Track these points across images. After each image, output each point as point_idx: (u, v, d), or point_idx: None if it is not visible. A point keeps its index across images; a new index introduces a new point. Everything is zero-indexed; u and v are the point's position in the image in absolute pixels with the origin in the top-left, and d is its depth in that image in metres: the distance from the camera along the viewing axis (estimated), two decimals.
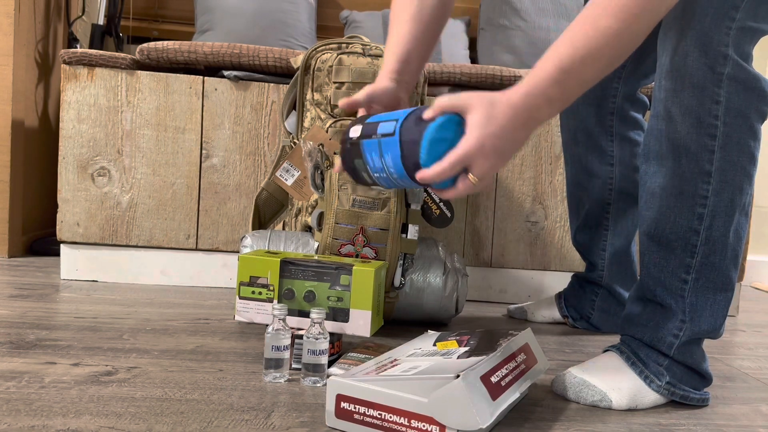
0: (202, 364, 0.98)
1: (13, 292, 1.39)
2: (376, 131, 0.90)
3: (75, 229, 1.54)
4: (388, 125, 0.88)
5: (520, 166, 1.63)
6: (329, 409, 0.78)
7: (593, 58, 0.79)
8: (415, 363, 0.81)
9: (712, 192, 0.89)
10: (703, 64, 0.87)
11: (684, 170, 0.90)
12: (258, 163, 1.57)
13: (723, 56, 0.87)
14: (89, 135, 1.53)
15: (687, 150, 0.89)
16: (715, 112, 0.88)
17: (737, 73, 0.87)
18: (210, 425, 0.76)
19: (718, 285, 0.92)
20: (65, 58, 1.52)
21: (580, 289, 1.39)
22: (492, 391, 0.76)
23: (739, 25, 0.87)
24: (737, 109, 0.88)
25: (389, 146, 0.87)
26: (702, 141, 0.89)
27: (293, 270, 1.10)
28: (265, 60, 1.52)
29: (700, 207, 0.90)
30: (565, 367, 1.08)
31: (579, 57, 0.78)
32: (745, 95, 0.88)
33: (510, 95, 0.81)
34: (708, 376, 0.95)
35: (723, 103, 0.88)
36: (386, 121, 0.90)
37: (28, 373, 0.90)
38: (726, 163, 0.89)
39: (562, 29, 2.13)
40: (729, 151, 0.89)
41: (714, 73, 0.87)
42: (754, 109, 0.89)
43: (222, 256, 1.59)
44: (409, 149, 0.84)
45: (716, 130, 0.88)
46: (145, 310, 1.30)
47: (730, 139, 0.88)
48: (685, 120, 0.89)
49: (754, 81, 0.88)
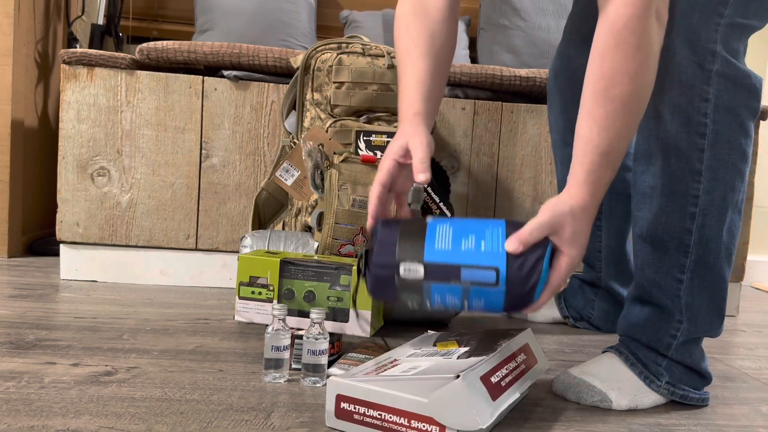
0: (201, 365, 0.98)
1: (12, 292, 1.39)
2: (458, 277, 0.80)
3: (75, 229, 1.54)
4: (482, 274, 0.79)
5: (520, 166, 1.63)
6: (329, 410, 0.78)
7: (622, 123, 0.80)
8: (415, 363, 0.81)
9: (703, 191, 0.89)
10: (691, 62, 0.86)
11: (674, 169, 0.89)
12: (258, 163, 1.57)
13: (711, 53, 0.86)
14: (89, 135, 1.53)
15: (677, 149, 0.89)
16: (705, 110, 0.87)
17: (726, 70, 0.86)
18: (210, 425, 0.76)
19: (714, 284, 0.92)
20: (65, 58, 1.52)
21: (579, 290, 1.39)
22: (492, 391, 0.76)
23: (728, 22, 0.86)
24: (727, 107, 0.87)
25: (487, 294, 0.80)
26: (691, 139, 0.88)
27: (293, 270, 1.10)
28: (264, 60, 1.52)
29: (691, 206, 0.89)
30: (565, 367, 1.08)
31: (613, 133, 0.80)
32: (735, 92, 0.87)
33: (579, 200, 0.81)
34: (707, 376, 0.95)
35: (712, 101, 0.87)
36: (471, 267, 0.79)
37: (27, 374, 0.89)
38: (716, 161, 0.88)
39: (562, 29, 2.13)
40: (719, 149, 0.88)
41: (702, 71, 0.86)
42: (744, 105, 0.88)
43: (222, 256, 1.59)
44: (517, 297, 0.80)
45: (706, 128, 0.88)
46: (145, 310, 1.30)
47: (720, 137, 0.88)
48: (674, 119, 0.88)
49: (744, 77, 0.88)
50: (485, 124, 1.62)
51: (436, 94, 1.00)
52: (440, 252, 0.81)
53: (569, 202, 0.80)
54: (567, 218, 0.80)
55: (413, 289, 0.81)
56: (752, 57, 2.31)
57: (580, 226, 0.81)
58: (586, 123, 0.82)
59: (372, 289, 0.84)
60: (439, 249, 0.81)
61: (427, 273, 0.81)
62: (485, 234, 0.82)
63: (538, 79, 1.60)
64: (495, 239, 0.81)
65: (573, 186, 0.82)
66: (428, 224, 0.85)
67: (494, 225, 0.83)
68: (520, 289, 0.79)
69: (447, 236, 0.83)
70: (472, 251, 0.81)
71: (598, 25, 0.83)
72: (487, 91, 1.64)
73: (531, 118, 1.62)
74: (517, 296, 0.80)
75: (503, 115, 1.62)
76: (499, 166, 1.63)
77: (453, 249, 0.81)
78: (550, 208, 0.80)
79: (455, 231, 0.83)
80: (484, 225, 0.83)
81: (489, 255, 0.80)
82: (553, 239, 0.81)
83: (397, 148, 0.92)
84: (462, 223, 0.85)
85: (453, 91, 1.62)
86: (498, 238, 0.81)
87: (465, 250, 0.81)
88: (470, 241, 0.81)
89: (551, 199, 0.82)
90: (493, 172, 1.62)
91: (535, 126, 1.62)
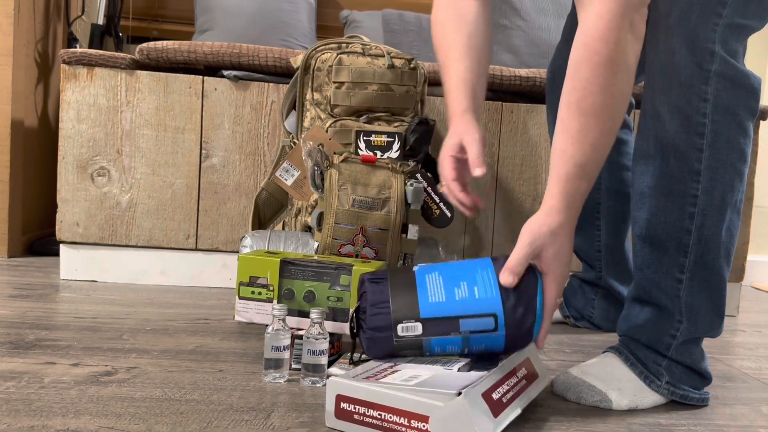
0: (201, 364, 0.98)
1: (12, 292, 1.39)
2: (457, 329, 0.81)
3: (74, 229, 1.54)
4: (481, 322, 0.80)
5: (520, 166, 1.63)
6: (329, 410, 0.78)
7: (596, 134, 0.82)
8: (415, 371, 0.81)
9: (702, 191, 0.89)
10: (690, 62, 0.86)
11: (673, 169, 0.89)
12: (258, 163, 1.57)
13: (710, 53, 0.86)
14: (89, 135, 1.53)
15: (675, 149, 0.89)
16: (703, 110, 0.87)
17: (725, 70, 0.87)
18: (210, 425, 0.76)
19: (713, 283, 0.92)
20: (65, 58, 1.52)
21: (579, 289, 1.39)
22: (494, 408, 0.76)
23: (727, 22, 0.86)
24: (725, 106, 0.87)
25: (487, 340, 0.82)
26: (690, 139, 0.88)
27: (293, 270, 1.10)
28: (264, 60, 1.52)
29: (690, 206, 0.89)
30: (565, 367, 1.08)
31: (587, 144, 0.82)
32: (734, 92, 0.87)
33: (556, 217, 0.83)
34: (708, 376, 0.95)
35: (711, 101, 0.87)
36: (469, 317, 0.80)
37: (27, 373, 0.89)
38: (715, 161, 0.88)
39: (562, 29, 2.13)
40: (718, 148, 0.88)
41: (701, 71, 0.86)
42: (743, 105, 0.88)
43: (222, 256, 1.59)
44: (516, 337, 0.83)
45: (704, 128, 0.88)
46: (145, 310, 1.30)
47: (719, 137, 0.88)
48: (673, 119, 0.88)
49: (743, 77, 0.88)
50: (485, 124, 1.62)
51: (480, 91, 1.06)
52: (435, 305, 0.82)
53: (547, 221, 0.83)
54: (546, 239, 0.83)
55: (412, 346, 0.83)
56: (752, 57, 2.31)
57: (561, 242, 0.83)
58: (561, 135, 0.84)
59: (368, 350, 0.85)
60: (434, 302, 0.82)
61: (426, 329, 0.82)
62: (476, 279, 0.82)
63: (538, 79, 1.60)
64: (487, 283, 0.82)
65: (548, 199, 0.84)
66: (416, 274, 0.85)
67: (482, 267, 0.84)
68: (518, 330, 0.82)
69: (438, 286, 0.83)
70: (467, 300, 0.81)
71: (575, 37, 0.84)
72: (486, 90, 1.64)
73: (531, 118, 1.62)
74: (516, 337, 0.82)
75: (503, 114, 1.62)
76: (499, 166, 1.63)
77: (447, 300, 0.82)
78: (530, 232, 0.83)
79: (446, 279, 0.83)
80: (473, 268, 0.84)
81: (484, 302, 0.81)
82: (538, 263, 0.84)
83: (452, 144, 1.01)
84: (449, 269, 0.85)
85: None
86: (489, 281, 0.82)
87: (460, 300, 0.81)
88: (463, 289, 0.82)
89: (530, 219, 0.84)
90: (493, 172, 1.63)
91: (535, 126, 1.62)
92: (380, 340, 0.83)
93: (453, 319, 0.81)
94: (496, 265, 0.84)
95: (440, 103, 1.60)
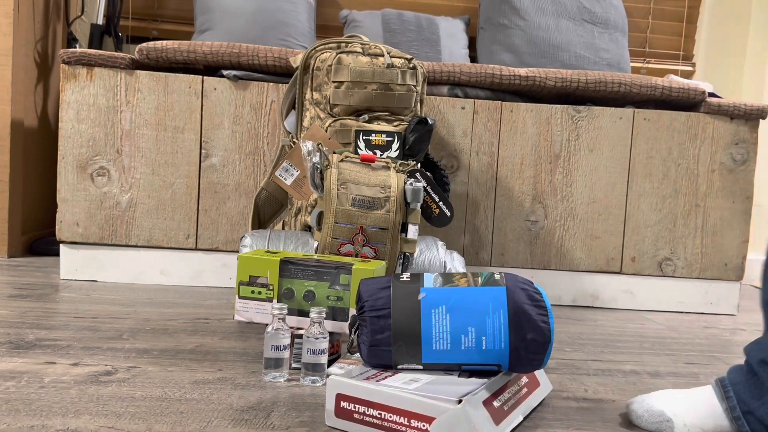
0: (201, 364, 0.98)
1: (12, 292, 1.39)
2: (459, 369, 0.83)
3: (74, 229, 1.54)
4: (484, 368, 0.81)
5: (520, 166, 1.63)
6: (329, 409, 0.78)
7: None
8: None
9: None
10: None
11: None
12: (257, 162, 1.57)
13: None
14: (88, 135, 1.53)
15: None
16: None
17: None
18: (210, 425, 0.76)
19: None
20: (64, 58, 1.52)
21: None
22: (495, 416, 0.76)
23: None
24: None
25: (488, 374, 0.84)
26: None
27: (293, 269, 1.09)
28: (264, 59, 1.52)
29: None
30: (564, 366, 1.08)
31: None
32: None
33: None
34: None
35: None
36: (473, 365, 0.80)
37: (27, 373, 0.89)
38: None
39: (562, 29, 2.13)
40: None
41: None
42: None
43: (221, 255, 1.59)
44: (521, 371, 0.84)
45: None
46: (145, 310, 1.30)
47: None
48: None
49: None
50: (485, 124, 1.62)
51: None
52: (439, 353, 0.81)
53: None
54: None
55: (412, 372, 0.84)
56: (752, 57, 2.31)
57: None
58: None
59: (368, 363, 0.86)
60: (438, 350, 0.81)
61: (426, 368, 0.83)
62: (485, 325, 0.79)
63: (538, 78, 1.60)
64: (497, 332, 0.79)
65: None
66: (421, 306, 0.81)
67: (495, 307, 0.79)
68: (524, 370, 0.83)
69: (445, 329, 0.80)
70: (473, 350, 0.80)
71: None
72: (486, 90, 1.64)
73: (530, 117, 1.62)
74: (521, 371, 0.84)
75: (503, 114, 1.62)
76: (498, 165, 1.63)
77: (453, 349, 0.80)
78: None
79: (453, 319, 0.80)
80: (484, 308, 0.80)
81: (491, 354, 0.80)
82: None
83: None
84: (458, 300, 0.80)
85: (452, 90, 1.62)
86: (501, 329, 0.79)
87: (466, 350, 0.80)
88: (471, 337, 0.80)
89: None
90: (493, 171, 1.62)
91: (534, 125, 1.62)
92: (380, 365, 0.85)
93: (456, 364, 0.82)
94: (511, 308, 0.79)
95: (440, 103, 1.60)
